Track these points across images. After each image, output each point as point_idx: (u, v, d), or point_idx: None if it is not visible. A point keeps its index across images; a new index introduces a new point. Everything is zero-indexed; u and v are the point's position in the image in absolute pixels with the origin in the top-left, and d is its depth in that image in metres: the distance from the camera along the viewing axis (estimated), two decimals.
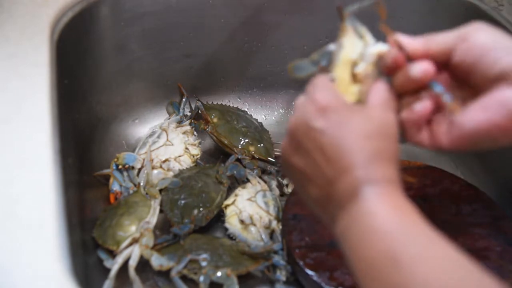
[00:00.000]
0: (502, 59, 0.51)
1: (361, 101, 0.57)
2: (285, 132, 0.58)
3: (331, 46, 0.60)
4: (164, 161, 0.94)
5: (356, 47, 0.58)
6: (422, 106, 0.55)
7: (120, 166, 0.92)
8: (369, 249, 0.48)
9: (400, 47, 0.56)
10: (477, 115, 0.52)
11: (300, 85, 1.12)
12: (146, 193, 0.88)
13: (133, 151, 0.97)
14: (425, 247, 0.46)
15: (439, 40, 0.55)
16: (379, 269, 0.46)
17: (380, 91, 0.55)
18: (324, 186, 0.52)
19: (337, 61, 0.58)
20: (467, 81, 0.54)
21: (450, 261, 0.45)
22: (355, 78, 0.57)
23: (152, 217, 0.85)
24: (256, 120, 1.06)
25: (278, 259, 0.81)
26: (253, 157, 0.98)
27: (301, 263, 0.78)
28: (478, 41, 0.53)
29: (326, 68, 0.60)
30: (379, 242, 0.47)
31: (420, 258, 0.45)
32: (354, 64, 0.58)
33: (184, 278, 0.79)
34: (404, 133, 0.57)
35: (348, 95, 0.57)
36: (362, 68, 0.57)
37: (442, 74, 0.56)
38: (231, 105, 1.09)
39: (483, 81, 0.52)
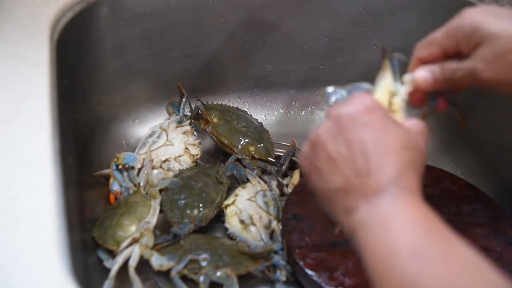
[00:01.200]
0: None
1: None
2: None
3: (366, 85, 0.67)
4: (164, 161, 0.94)
5: (393, 84, 0.67)
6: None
7: (120, 166, 0.92)
8: (391, 239, 0.49)
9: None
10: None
11: (300, 85, 1.13)
12: (146, 193, 0.88)
13: (133, 151, 0.97)
14: (449, 248, 0.48)
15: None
16: (399, 258, 0.47)
17: (415, 122, 0.61)
18: (351, 176, 0.54)
19: (378, 87, 0.65)
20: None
21: (472, 265, 0.47)
22: (391, 106, 0.64)
23: (152, 217, 0.85)
24: (256, 120, 1.06)
25: (278, 259, 0.81)
26: (253, 157, 0.98)
27: (301, 263, 0.78)
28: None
29: None
30: (404, 234, 0.49)
31: (443, 257, 0.47)
32: (392, 94, 0.65)
33: (184, 278, 0.79)
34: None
35: None
36: (398, 101, 0.64)
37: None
38: (231, 105, 1.09)
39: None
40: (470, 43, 0.62)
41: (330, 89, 0.68)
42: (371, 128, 0.55)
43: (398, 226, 0.50)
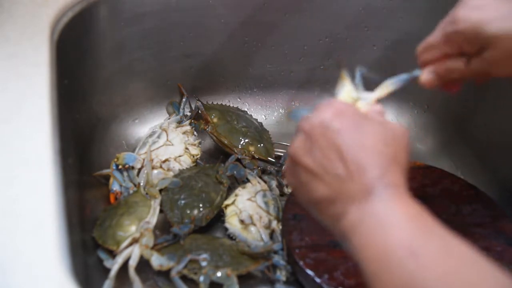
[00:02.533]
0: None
1: None
2: (295, 134, 0.60)
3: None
4: (164, 161, 0.94)
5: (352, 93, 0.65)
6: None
7: (120, 166, 0.92)
8: (384, 240, 0.48)
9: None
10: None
11: (300, 85, 1.13)
12: (146, 193, 0.88)
13: (133, 151, 0.97)
14: (444, 245, 0.47)
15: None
16: (394, 259, 0.47)
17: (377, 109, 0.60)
18: (334, 183, 0.53)
19: (339, 95, 0.64)
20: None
21: (470, 259, 0.46)
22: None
23: (152, 217, 0.85)
24: (256, 120, 1.06)
25: (278, 259, 0.81)
26: (253, 157, 0.98)
27: (301, 263, 0.78)
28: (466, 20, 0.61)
29: None
30: (396, 234, 0.48)
31: (439, 254, 0.46)
32: (355, 100, 0.64)
33: (184, 278, 0.79)
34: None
35: None
36: (363, 105, 0.63)
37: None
38: (231, 105, 1.09)
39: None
40: (474, 46, 0.61)
41: (296, 109, 0.69)
42: (344, 132, 0.54)
43: (391, 225, 0.49)
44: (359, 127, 0.54)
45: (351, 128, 0.54)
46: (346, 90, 0.65)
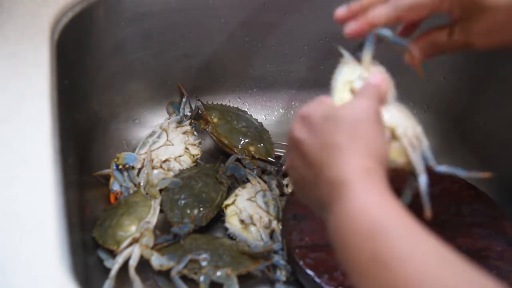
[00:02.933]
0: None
1: None
2: (286, 134, 0.61)
3: None
4: (164, 161, 0.94)
5: (355, 71, 0.63)
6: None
7: (120, 166, 0.92)
8: (354, 251, 0.48)
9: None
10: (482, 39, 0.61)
11: (300, 85, 1.13)
12: (146, 193, 0.88)
13: (133, 151, 0.97)
14: (411, 246, 0.45)
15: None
16: (367, 269, 0.46)
17: (367, 84, 0.59)
18: (313, 191, 0.55)
19: (336, 87, 0.63)
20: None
21: (438, 258, 0.45)
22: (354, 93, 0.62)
23: (152, 217, 0.85)
24: (256, 120, 1.06)
25: (278, 259, 0.82)
26: (253, 157, 0.98)
27: (301, 263, 0.78)
28: None
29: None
30: (363, 243, 0.47)
31: (406, 258, 0.44)
32: (351, 83, 0.62)
33: (184, 278, 0.79)
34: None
35: None
36: (360, 84, 0.61)
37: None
38: (231, 105, 1.09)
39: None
40: (465, 12, 0.60)
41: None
42: (307, 140, 0.55)
43: (357, 232, 0.48)
44: (319, 127, 0.55)
45: (313, 132, 0.55)
46: (345, 73, 0.63)
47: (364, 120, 0.53)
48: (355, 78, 0.62)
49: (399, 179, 0.58)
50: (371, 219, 0.47)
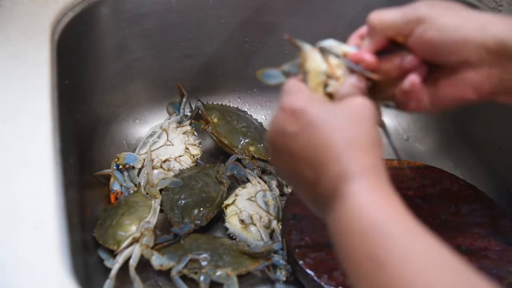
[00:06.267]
0: (461, 51, 0.56)
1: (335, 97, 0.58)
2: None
3: (298, 60, 0.64)
4: (165, 161, 0.94)
5: (321, 64, 0.62)
6: (410, 82, 0.59)
7: (120, 166, 0.92)
8: (353, 251, 0.47)
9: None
10: (451, 92, 0.59)
11: None
12: (147, 193, 0.89)
13: (134, 151, 0.98)
14: (408, 247, 0.45)
15: (390, 26, 0.59)
16: (365, 270, 0.46)
17: (349, 82, 0.58)
18: (310, 188, 0.53)
19: (308, 75, 0.61)
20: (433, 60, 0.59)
21: (434, 260, 0.44)
22: (330, 75, 0.60)
23: (153, 217, 0.85)
24: (256, 120, 1.06)
25: (278, 258, 0.82)
26: (253, 157, 0.98)
27: (301, 263, 0.78)
28: (436, 31, 0.56)
29: (295, 75, 0.63)
30: (362, 244, 0.46)
31: (402, 260, 0.44)
32: (322, 75, 0.60)
33: (184, 277, 0.79)
34: (398, 104, 0.62)
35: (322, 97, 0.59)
36: (335, 62, 0.61)
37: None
38: (231, 105, 1.09)
39: (447, 64, 0.58)
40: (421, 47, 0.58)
41: (266, 70, 0.67)
42: (300, 135, 0.52)
43: (356, 232, 0.47)
44: (313, 122, 0.52)
45: (305, 127, 0.52)
46: (314, 66, 0.61)
47: (365, 116, 0.53)
48: (323, 74, 0.60)
49: (399, 179, 0.58)
50: (369, 219, 0.47)
